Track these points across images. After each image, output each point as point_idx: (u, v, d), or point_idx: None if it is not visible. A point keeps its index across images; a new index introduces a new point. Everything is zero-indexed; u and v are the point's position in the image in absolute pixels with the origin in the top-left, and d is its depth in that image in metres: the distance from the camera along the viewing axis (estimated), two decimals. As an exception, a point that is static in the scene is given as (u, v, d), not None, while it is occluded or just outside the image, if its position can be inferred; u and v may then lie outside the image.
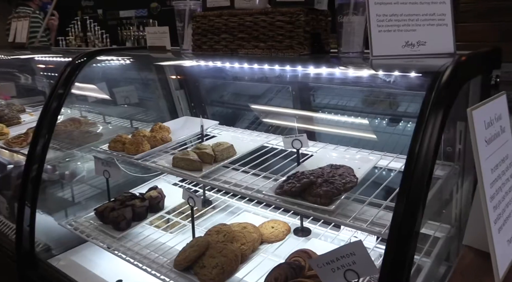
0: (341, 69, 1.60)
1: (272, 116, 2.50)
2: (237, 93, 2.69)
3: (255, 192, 1.64)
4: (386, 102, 1.96)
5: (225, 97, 2.77)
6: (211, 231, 1.86)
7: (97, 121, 3.06)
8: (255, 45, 1.83)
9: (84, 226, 2.18)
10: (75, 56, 2.30)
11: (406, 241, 1.00)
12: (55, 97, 2.19)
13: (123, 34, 7.22)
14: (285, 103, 2.32)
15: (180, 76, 2.74)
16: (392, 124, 2.02)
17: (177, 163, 1.89)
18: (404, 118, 1.97)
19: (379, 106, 1.99)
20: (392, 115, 1.98)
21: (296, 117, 2.39)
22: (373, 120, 2.04)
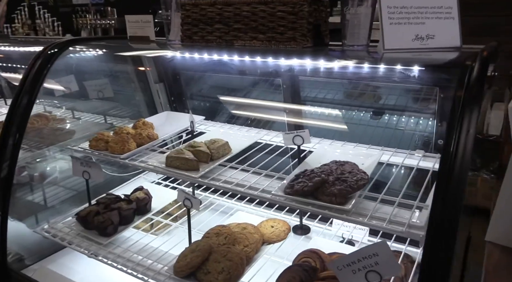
0: (356, 63, 1.54)
1: (262, 111, 2.42)
2: (225, 87, 2.58)
3: (261, 192, 1.56)
4: (399, 97, 1.93)
5: (211, 91, 2.64)
6: (210, 234, 1.76)
7: (66, 117, 2.83)
8: (253, 37, 1.74)
9: (64, 233, 2.00)
10: (47, 46, 2.08)
11: (448, 241, 0.97)
12: (25, 93, 1.97)
13: (79, 22, 6.79)
14: (285, 98, 2.24)
15: (165, 69, 2.58)
16: (399, 119, 2.00)
17: (171, 163, 1.76)
18: (410, 113, 1.96)
19: (389, 101, 1.96)
20: (402, 110, 1.96)
21: (287, 111, 2.32)
22: (375, 115, 2.02)
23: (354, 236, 2.00)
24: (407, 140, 2.08)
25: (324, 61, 1.61)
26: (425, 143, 2.04)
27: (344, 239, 2.04)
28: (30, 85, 1.98)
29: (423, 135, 2.02)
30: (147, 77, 2.67)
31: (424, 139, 2.04)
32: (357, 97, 2.03)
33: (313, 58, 1.62)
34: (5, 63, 3.01)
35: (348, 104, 2.07)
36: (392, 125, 2.08)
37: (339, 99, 2.11)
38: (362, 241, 1.98)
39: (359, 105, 2.04)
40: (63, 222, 2.13)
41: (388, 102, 1.97)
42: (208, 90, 2.66)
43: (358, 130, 2.09)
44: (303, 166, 1.70)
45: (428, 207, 1.39)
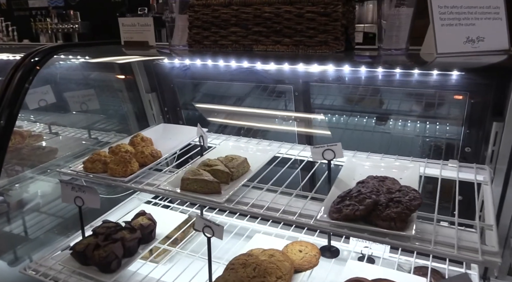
0: (407, 69, 1.39)
1: (271, 122, 2.23)
2: (227, 96, 2.37)
3: (300, 217, 1.37)
4: (441, 104, 1.80)
5: (211, 100, 2.42)
6: (235, 265, 1.54)
7: (42, 133, 2.51)
8: (277, 41, 1.55)
9: (56, 271, 1.72)
10: (28, 54, 1.79)
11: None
12: (4, 110, 1.68)
13: (38, 26, 6.31)
14: (307, 107, 2.06)
15: (162, 77, 2.33)
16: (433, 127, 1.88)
17: (188, 186, 1.53)
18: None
19: (427, 108, 1.83)
20: (438, 118, 1.84)
21: (299, 120, 2.15)
22: (412, 123, 1.88)
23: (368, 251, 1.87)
24: (429, 148, 1.98)
25: (366, 67, 1.45)
26: (449, 150, 1.94)
27: (364, 255, 1.90)
28: (10, 101, 1.68)
29: (451, 143, 1.92)
30: (137, 87, 2.41)
31: (448, 147, 1.94)
32: (394, 105, 1.89)
33: (354, 64, 1.45)
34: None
35: (382, 113, 1.93)
36: (421, 133, 1.97)
37: (370, 106, 1.96)
38: (383, 257, 1.84)
39: (395, 113, 1.90)
40: (53, 256, 1.84)
41: (427, 110, 1.84)
42: (208, 99, 2.44)
43: (379, 139, 1.96)
44: (338, 183, 1.53)
45: (491, 227, 1.26)
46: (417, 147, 2.02)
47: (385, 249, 1.90)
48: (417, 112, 1.85)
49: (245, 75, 2.04)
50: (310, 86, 1.99)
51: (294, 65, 1.56)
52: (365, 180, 1.51)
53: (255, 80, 2.12)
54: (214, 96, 2.43)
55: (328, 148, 1.58)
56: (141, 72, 2.34)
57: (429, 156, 1.95)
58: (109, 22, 4.06)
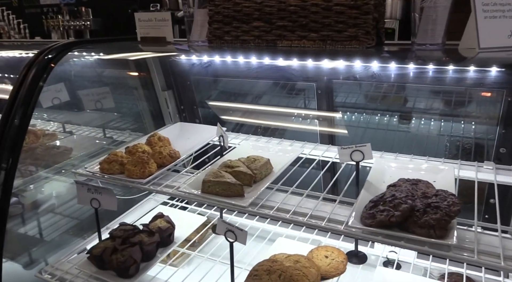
0: (462, 67, 1.30)
1: (290, 121, 2.15)
2: (246, 93, 2.29)
3: (329, 223, 1.29)
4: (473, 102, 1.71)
5: (229, 98, 2.35)
6: (259, 271, 1.47)
7: (56, 132, 2.46)
8: (303, 36, 1.47)
9: (72, 275, 1.67)
10: (41, 51, 1.74)
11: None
12: (19, 109, 1.62)
13: (50, 24, 6.30)
14: (330, 106, 1.98)
15: (181, 74, 2.26)
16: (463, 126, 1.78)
17: (209, 188, 1.46)
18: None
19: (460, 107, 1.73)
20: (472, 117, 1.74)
21: (319, 119, 2.07)
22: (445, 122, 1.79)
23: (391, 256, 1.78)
24: (459, 149, 1.88)
25: (403, 64, 1.36)
26: (481, 151, 1.84)
27: (389, 260, 1.81)
28: (24, 99, 1.63)
29: (482, 144, 1.82)
30: (153, 84, 2.34)
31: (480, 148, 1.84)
32: (423, 103, 1.80)
33: (388, 60, 1.37)
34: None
35: (409, 111, 1.83)
36: (447, 133, 1.87)
37: (397, 105, 1.87)
38: (410, 262, 1.75)
39: (424, 111, 1.81)
40: (69, 260, 1.79)
41: (458, 108, 1.74)
42: (225, 97, 2.37)
43: (405, 139, 1.86)
44: (368, 187, 1.44)
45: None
46: (446, 147, 1.93)
47: (414, 255, 1.81)
48: (447, 110, 1.76)
49: (266, 72, 1.96)
50: (334, 84, 1.91)
51: (321, 61, 1.48)
52: (397, 183, 1.43)
53: (276, 77, 2.04)
54: (232, 94, 2.36)
55: (356, 149, 1.50)
56: (157, 69, 2.28)
57: (456, 156, 1.85)
58: (120, 19, 4.01)
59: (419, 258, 1.80)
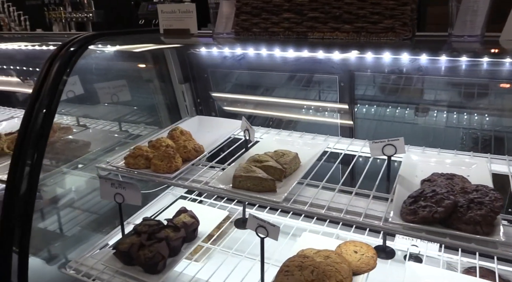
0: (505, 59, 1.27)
1: (313, 114, 2.12)
2: (271, 86, 2.25)
3: (366, 218, 1.27)
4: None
5: (248, 91, 2.31)
6: (290, 267, 1.45)
7: (70, 125, 2.43)
8: (335, 28, 1.44)
9: (98, 271, 1.64)
10: (65, 43, 1.70)
11: None
12: (44, 102, 1.59)
13: (51, 15, 6.22)
14: (356, 98, 1.95)
15: (200, 68, 2.22)
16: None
17: (240, 183, 1.44)
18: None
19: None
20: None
21: (341, 112, 2.04)
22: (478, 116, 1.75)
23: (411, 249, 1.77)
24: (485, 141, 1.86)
25: (444, 56, 1.33)
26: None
27: (410, 254, 1.80)
28: (49, 94, 1.59)
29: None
30: (170, 77, 2.31)
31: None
32: (464, 97, 1.76)
33: (432, 52, 1.33)
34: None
35: (448, 105, 1.80)
36: (470, 125, 1.85)
37: (431, 99, 1.84)
38: (432, 256, 1.74)
39: (454, 105, 1.78)
40: (92, 255, 1.77)
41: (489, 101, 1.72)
42: (243, 90, 2.33)
43: (429, 132, 1.84)
44: (402, 182, 1.42)
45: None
46: (468, 140, 1.91)
47: (436, 248, 1.80)
48: (479, 104, 1.73)
49: (295, 65, 1.93)
50: (371, 76, 1.88)
51: (361, 53, 1.44)
52: (431, 178, 1.41)
53: (299, 70, 2.01)
54: (250, 86, 2.33)
55: (389, 143, 1.48)
56: (175, 61, 2.24)
57: (477, 150, 1.83)
58: (123, 11, 3.92)
59: (441, 252, 1.79)
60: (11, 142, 2.14)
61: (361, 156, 1.78)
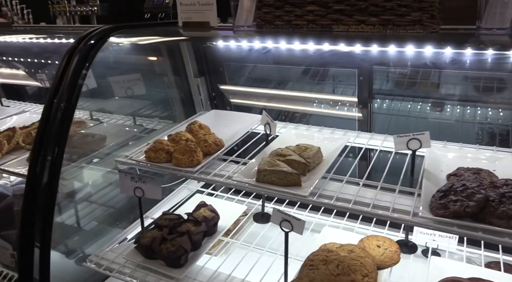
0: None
1: (326, 107, 2.11)
2: (288, 80, 2.23)
3: (394, 213, 1.27)
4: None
5: (263, 84, 2.29)
6: (315, 261, 1.45)
7: (83, 119, 2.42)
8: (361, 21, 1.42)
9: (119, 264, 1.64)
10: (82, 37, 1.68)
11: None
12: (64, 95, 1.58)
13: (55, 9, 6.19)
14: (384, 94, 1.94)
15: (215, 61, 2.20)
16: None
17: (265, 177, 1.43)
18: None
19: None
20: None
21: (359, 106, 2.02)
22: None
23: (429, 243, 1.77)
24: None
25: (479, 50, 1.32)
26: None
27: (428, 248, 1.79)
28: (69, 86, 1.58)
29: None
30: (185, 71, 2.29)
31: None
32: (491, 91, 1.75)
33: (463, 46, 1.31)
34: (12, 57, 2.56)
35: (472, 100, 1.79)
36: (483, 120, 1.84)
37: (453, 93, 1.82)
38: (450, 250, 1.74)
39: (489, 101, 1.76)
40: (110, 249, 1.77)
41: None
42: (258, 84, 2.31)
43: (451, 127, 1.83)
44: (428, 176, 1.41)
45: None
46: (487, 134, 1.89)
47: (455, 242, 1.80)
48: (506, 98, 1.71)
49: (308, 58, 1.92)
50: (383, 70, 1.86)
51: (384, 47, 1.43)
52: (458, 173, 1.40)
53: (318, 63, 1.99)
54: (266, 80, 2.31)
55: (414, 137, 1.47)
56: (190, 55, 2.23)
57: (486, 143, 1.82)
58: (128, 4, 3.89)
59: (459, 246, 1.79)
60: (26, 136, 2.14)
61: (380, 150, 1.77)
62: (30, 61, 2.92)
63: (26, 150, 2.05)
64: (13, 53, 2.82)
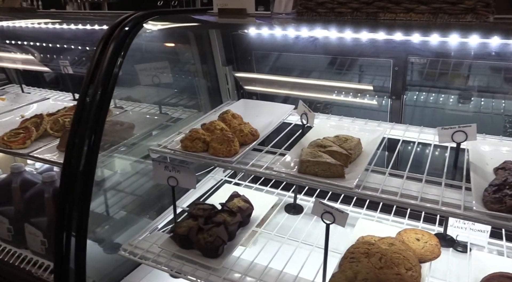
0: None
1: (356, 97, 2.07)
2: (318, 69, 2.20)
3: (444, 206, 1.24)
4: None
5: (299, 74, 2.25)
6: (356, 254, 1.44)
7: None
8: (410, 8, 1.38)
9: (154, 254, 1.63)
10: (116, 24, 1.65)
11: None
12: (100, 83, 1.55)
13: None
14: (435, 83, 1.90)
15: (245, 50, 2.17)
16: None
17: (308, 168, 1.41)
18: None
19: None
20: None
21: (392, 97, 1.99)
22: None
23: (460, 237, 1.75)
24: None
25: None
26: None
27: (459, 242, 1.77)
28: (105, 74, 1.55)
29: None
30: (213, 59, 2.26)
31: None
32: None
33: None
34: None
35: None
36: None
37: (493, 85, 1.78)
38: (481, 244, 1.71)
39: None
40: (144, 238, 1.76)
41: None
42: (287, 73, 2.27)
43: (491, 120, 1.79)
44: (475, 169, 1.39)
45: None
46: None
47: (486, 237, 1.77)
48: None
49: (343, 47, 1.88)
50: (421, 61, 1.82)
51: (440, 37, 1.38)
52: (506, 166, 1.37)
53: (352, 53, 1.95)
54: (293, 69, 2.27)
55: (459, 130, 1.44)
56: (219, 43, 2.19)
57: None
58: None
59: (491, 239, 1.76)
60: (53, 123, 2.12)
61: (409, 141, 1.74)
62: (52, 47, 2.90)
63: (54, 137, 2.04)
64: (36, 39, 2.79)
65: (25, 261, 1.85)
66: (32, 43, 2.84)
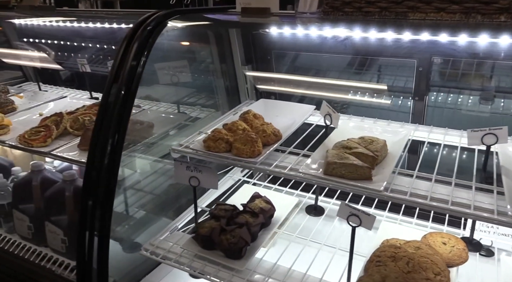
0: None
1: (378, 98, 2.04)
2: (337, 69, 2.17)
3: (479, 211, 1.22)
4: None
5: (318, 73, 2.22)
6: (382, 258, 1.41)
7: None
8: (441, 8, 1.35)
9: (176, 254, 1.63)
10: (140, 23, 1.64)
11: None
12: (125, 80, 1.54)
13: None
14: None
15: (265, 49, 2.15)
16: None
17: (334, 170, 1.39)
18: None
19: None
20: None
21: (415, 98, 1.96)
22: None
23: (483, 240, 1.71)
24: None
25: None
26: None
27: (483, 246, 1.74)
28: (129, 74, 1.54)
29: None
30: (232, 59, 2.24)
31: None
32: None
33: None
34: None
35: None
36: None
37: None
38: (506, 248, 1.67)
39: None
40: (165, 238, 1.75)
41: None
42: (307, 73, 2.25)
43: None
44: (506, 173, 1.35)
45: None
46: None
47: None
48: None
49: (367, 47, 1.85)
50: (446, 61, 1.79)
51: (474, 37, 1.35)
52: (537, 170, 1.34)
53: (376, 53, 1.92)
54: (314, 69, 2.24)
55: (490, 132, 1.41)
56: (239, 43, 2.17)
57: None
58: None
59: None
60: (73, 121, 2.12)
61: (434, 143, 1.72)
62: (70, 45, 2.90)
63: (73, 136, 2.04)
64: (55, 37, 2.80)
65: (45, 259, 1.86)
66: (50, 41, 2.85)
